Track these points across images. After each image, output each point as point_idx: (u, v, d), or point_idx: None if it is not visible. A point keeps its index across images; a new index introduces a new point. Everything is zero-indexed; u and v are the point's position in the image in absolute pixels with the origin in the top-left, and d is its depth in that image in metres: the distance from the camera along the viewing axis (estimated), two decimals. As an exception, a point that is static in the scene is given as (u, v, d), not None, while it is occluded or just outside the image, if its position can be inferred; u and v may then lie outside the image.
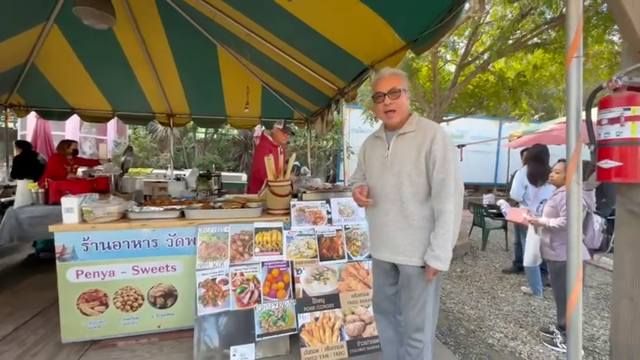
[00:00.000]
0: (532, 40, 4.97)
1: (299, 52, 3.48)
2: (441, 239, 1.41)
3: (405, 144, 1.54)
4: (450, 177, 1.41)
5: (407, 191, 1.50)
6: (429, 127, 1.53)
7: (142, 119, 6.32)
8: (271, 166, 2.43)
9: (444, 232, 1.40)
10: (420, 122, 1.57)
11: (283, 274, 2.22)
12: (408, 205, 1.50)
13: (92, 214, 2.06)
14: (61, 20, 3.74)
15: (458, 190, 1.43)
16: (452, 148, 1.48)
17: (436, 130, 1.50)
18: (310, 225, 2.38)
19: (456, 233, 1.45)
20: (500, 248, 5.29)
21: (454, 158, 1.45)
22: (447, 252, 1.40)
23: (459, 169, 1.46)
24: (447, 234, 1.40)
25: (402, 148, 1.54)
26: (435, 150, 1.45)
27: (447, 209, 1.40)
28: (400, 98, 1.54)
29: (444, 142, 1.46)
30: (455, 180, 1.42)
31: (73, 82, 4.96)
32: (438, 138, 1.46)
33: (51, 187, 3.46)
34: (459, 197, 1.43)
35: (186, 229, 2.21)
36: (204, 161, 10.73)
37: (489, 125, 12.03)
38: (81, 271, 2.06)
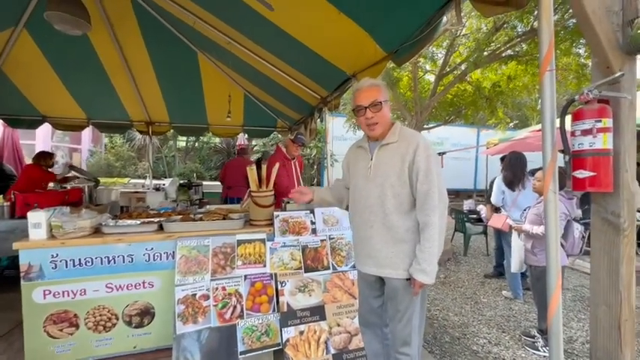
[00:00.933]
0: (506, 52, 5.19)
1: (281, 61, 3.47)
2: (427, 252, 1.39)
3: (388, 155, 1.53)
4: (434, 188, 1.40)
5: (390, 203, 1.48)
6: (411, 137, 1.52)
7: (118, 127, 6.11)
8: (254, 177, 2.38)
9: (429, 244, 1.39)
10: (403, 132, 1.56)
11: (267, 287, 2.16)
12: (392, 217, 1.49)
13: (62, 229, 1.94)
14: (32, 25, 3.58)
15: (442, 201, 1.42)
16: (435, 158, 1.47)
17: (419, 140, 1.49)
18: (294, 236, 2.34)
19: (442, 244, 1.44)
20: (481, 253, 5.41)
21: (437, 169, 1.44)
22: (432, 265, 1.39)
23: (442, 179, 1.45)
24: (433, 247, 1.39)
25: (385, 159, 1.53)
26: (419, 161, 1.44)
27: (431, 221, 1.39)
28: (382, 110, 1.52)
29: (426, 152, 1.45)
30: (439, 191, 1.41)
31: (44, 89, 4.73)
32: (420, 148, 1.45)
33: (18, 200, 3.25)
34: (443, 208, 1.42)
35: (165, 243, 2.12)
36: (185, 170, 10.47)
37: (468, 133, 12.43)
38: (48, 290, 1.93)
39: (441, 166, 1.52)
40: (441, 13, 1.83)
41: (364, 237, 1.59)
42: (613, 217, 1.10)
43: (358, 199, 1.62)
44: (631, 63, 1.09)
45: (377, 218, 1.53)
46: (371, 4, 2.03)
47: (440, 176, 1.45)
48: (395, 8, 1.98)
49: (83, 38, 3.77)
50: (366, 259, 1.60)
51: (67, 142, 10.59)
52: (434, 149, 1.51)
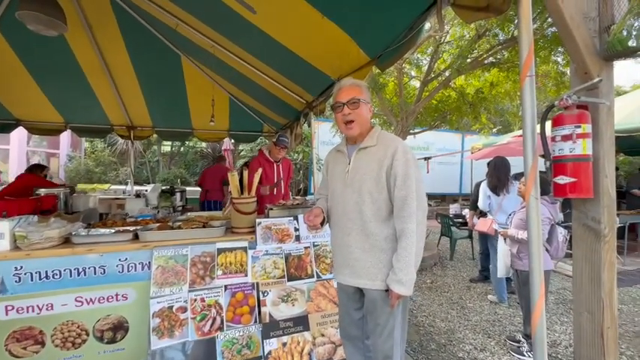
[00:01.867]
0: (488, 60, 5.30)
1: (266, 66, 3.43)
2: (403, 262, 1.33)
3: (366, 159, 1.48)
4: (412, 194, 1.35)
5: (368, 209, 1.42)
6: (390, 141, 1.46)
7: (98, 132, 5.91)
8: (235, 183, 2.31)
9: (406, 253, 1.33)
10: (382, 136, 1.50)
11: (248, 298, 2.08)
12: (370, 225, 1.43)
13: (27, 240, 1.82)
14: (4, 25, 3.42)
15: (420, 208, 1.37)
16: (414, 163, 1.41)
17: (397, 144, 1.43)
18: (277, 243, 2.28)
19: (420, 253, 1.38)
20: (467, 257, 5.45)
21: (416, 174, 1.39)
22: (409, 275, 1.33)
23: (421, 185, 1.40)
24: (410, 256, 1.32)
25: (363, 163, 1.48)
26: (396, 165, 1.39)
27: (408, 229, 1.33)
28: (360, 108, 1.47)
29: (405, 157, 1.39)
30: (417, 197, 1.36)
31: (18, 91, 4.53)
32: (399, 153, 1.40)
33: (-15, 208, 3.06)
34: (421, 215, 1.37)
35: (140, 253, 2.02)
36: (169, 176, 10.23)
37: (453, 138, 12.65)
38: (11, 306, 1.79)
39: (421, 171, 1.48)
40: (423, 18, 1.83)
41: (342, 244, 1.53)
42: (593, 223, 1.09)
43: (336, 205, 1.57)
44: (608, 69, 1.10)
45: (355, 225, 1.47)
46: (354, 9, 2.01)
47: (420, 182, 1.39)
48: (378, 13, 1.97)
49: (60, 40, 3.64)
50: (343, 268, 1.55)
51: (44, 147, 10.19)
52: (414, 154, 1.47)
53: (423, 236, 1.39)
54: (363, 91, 1.51)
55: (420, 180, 1.40)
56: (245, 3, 2.26)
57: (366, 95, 1.54)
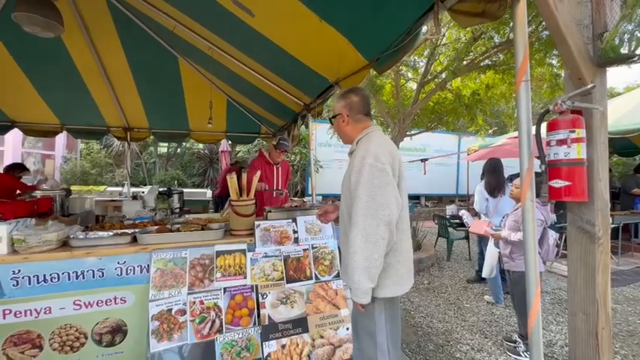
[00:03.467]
0: (484, 62, 5.35)
1: (264, 68, 3.44)
2: (348, 269, 1.35)
3: (349, 164, 1.56)
4: (358, 205, 1.32)
5: (345, 213, 1.50)
6: (361, 145, 1.48)
7: (95, 133, 5.86)
8: (234, 185, 2.32)
9: (350, 261, 1.33)
10: (362, 140, 1.51)
11: (247, 300, 2.09)
12: (347, 227, 1.47)
13: (25, 243, 1.81)
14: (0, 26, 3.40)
15: (370, 219, 1.30)
16: (369, 170, 1.34)
17: (360, 150, 1.44)
18: (276, 245, 2.28)
19: (374, 265, 1.30)
20: (464, 258, 5.48)
21: (374, 181, 1.33)
22: (354, 282, 1.31)
23: (377, 195, 1.31)
24: (353, 264, 1.31)
25: (348, 168, 1.56)
26: (352, 171, 1.41)
27: (351, 238, 1.33)
28: (334, 125, 1.65)
29: (360, 163, 1.37)
30: (364, 208, 1.31)
31: (13, 92, 4.50)
32: (356, 159, 1.41)
33: (-20, 210, 3.04)
34: (370, 227, 1.29)
35: (139, 256, 2.02)
36: (166, 177, 10.17)
37: (449, 139, 12.73)
38: (9, 310, 1.78)
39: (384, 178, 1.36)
40: (420, 22, 1.85)
41: (340, 242, 1.66)
42: (588, 226, 1.11)
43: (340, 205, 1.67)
44: (602, 75, 1.12)
45: (342, 226, 1.56)
46: (352, 12, 2.03)
47: (378, 189, 1.32)
48: (375, 17, 1.99)
49: (56, 41, 3.62)
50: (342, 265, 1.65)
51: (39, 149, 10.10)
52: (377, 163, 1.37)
53: (376, 247, 1.30)
54: (334, 107, 1.64)
55: (377, 190, 1.32)
56: (243, 5, 2.27)
57: (339, 107, 1.62)
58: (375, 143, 1.44)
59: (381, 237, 1.30)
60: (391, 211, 1.32)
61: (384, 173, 1.35)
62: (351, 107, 1.57)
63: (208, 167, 11.07)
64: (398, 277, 1.42)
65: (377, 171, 1.34)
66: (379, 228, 1.30)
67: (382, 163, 1.36)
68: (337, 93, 1.71)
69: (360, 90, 1.66)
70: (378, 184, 1.33)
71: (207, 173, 10.96)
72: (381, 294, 1.39)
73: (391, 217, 1.32)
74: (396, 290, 1.41)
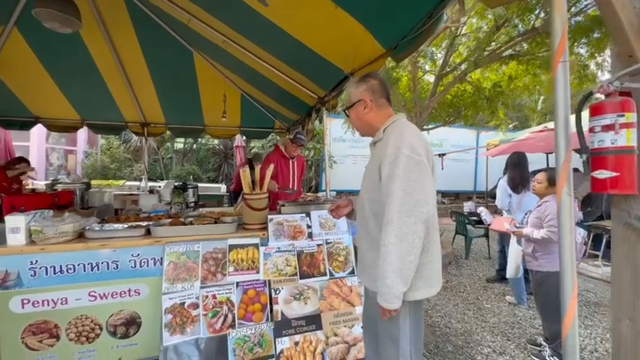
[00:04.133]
0: (506, 52, 5.11)
1: (278, 60, 3.37)
2: (379, 271, 1.21)
3: (373, 154, 1.41)
4: (392, 201, 1.18)
5: (368, 208, 1.38)
6: (391, 133, 1.31)
7: (113, 129, 5.99)
8: (247, 178, 2.27)
9: (382, 263, 1.19)
10: (390, 128, 1.35)
11: (260, 295, 2.05)
12: (370, 223, 1.36)
13: (42, 234, 1.83)
14: (23, 23, 3.50)
15: (406, 216, 1.16)
16: (405, 162, 1.19)
17: (392, 137, 1.27)
18: (289, 240, 2.23)
19: (409, 267, 1.18)
20: (483, 256, 5.30)
21: (409, 174, 1.19)
22: (386, 286, 1.18)
23: (414, 190, 1.18)
24: (385, 266, 1.18)
25: (371, 159, 1.43)
26: (384, 162, 1.24)
27: (385, 239, 1.18)
28: (350, 116, 1.48)
29: (395, 154, 1.21)
30: (400, 204, 1.17)
31: (37, 89, 4.63)
32: (389, 148, 1.24)
33: (4, 202, 3.15)
34: (406, 226, 1.16)
35: (152, 248, 2.01)
36: (182, 172, 10.35)
37: (467, 134, 12.35)
38: (27, 299, 1.81)
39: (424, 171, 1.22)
40: (443, 5, 1.73)
41: (357, 241, 1.55)
42: (637, 222, 0.99)
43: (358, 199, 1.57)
44: (656, 52, 0.99)
45: (361, 222, 1.45)
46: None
47: (415, 184, 1.18)
48: (394, 2, 1.88)
49: (75, 37, 3.69)
50: (357, 264, 1.56)
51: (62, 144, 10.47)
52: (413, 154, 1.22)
53: (412, 248, 1.17)
54: (351, 94, 1.47)
55: (415, 181, 1.19)
56: (257, -6, 2.21)
57: (355, 94, 1.45)
58: (409, 132, 1.29)
59: (417, 236, 1.18)
60: (429, 208, 1.19)
61: (421, 166, 1.21)
62: (374, 91, 1.41)
63: (223, 162, 11.19)
64: (428, 279, 1.29)
65: (414, 163, 1.20)
66: (416, 226, 1.17)
67: (419, 155, 1.22)
68: (352, 80, 1.52)
69: (378, 74, 1.52)
70: (415, 178, 1.19)
71: (222, 168, 11.08)
72: (410, 297, 1.24)
73: (429, 215, 1.20)
74: (425, 293, 1.29)
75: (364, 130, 1.48)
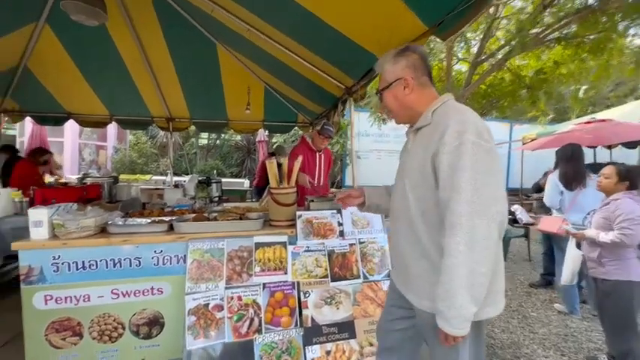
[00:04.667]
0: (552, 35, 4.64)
1: (304, 48, 3.19)
2: (442, 289, 0.97)
3: (417, 143, 1.15)
4: (459, 198, 0.95)
5: (414, 208, 1.12)
6: (445, 116, 1.07)
7: (140, 124, 6.08)
8: (273, 171, 2.11)
9: (448, 279, 0.96)
10: (440, 111, 1.11)
11: (288, 298, 1.89)
12: (419, 228, 1.11)
13: (64, 229, 1.76)
14: (53, 20, 3.55)
15: (477, 218, 0.94)
16: (472, 150, 0.97)
17: (451, 120, 1.02)
18: (319, 239, 2.05)
19: (482, 282, 0.95)
20: (522, 258, 4.90)
21: (474, 167, 0.96)
22: (454, 308, 0.95)
23: (484, 185, 0.95)
24: (453, 282, 0.95)
25: (414, 148, 1.17)
26: (442, 152, 1.00)
27: (452, 247, 0.95)
28: (385, 99, 1.22)
29: (458, 140, 0.98)
30: (469, 203, 0.94)
31: (68, 85, 4.73)
32: (448, 134, 1.00)
33: (36, 195, 3.18)
34: (478, 230, 0.94)
35: (175, 245, 1.89)
36: (206, 167, 10.48)
37: (499, 128, 11.61)
38: (50, 295, 1.75)
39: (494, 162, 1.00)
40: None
41: (393, 245, 1.31)
42: None
43: (391, 199, 1.32)
44: None
45: (402, 225, 1.19)
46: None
47: (486, 177, 0.96)
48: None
49: (102, 31, 3.70)
50: (394, 267, 1.32)
51: (94, 140, 10.89)
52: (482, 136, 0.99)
53: (485, 258, 0.95)
54: (385, 73, 1.22)
55: (485, 173, 0.96)
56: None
57: (393, 72, 1.19)
58: (471, 114, 1.07)
59: (493, 242, 0.96)
60: (503, 208, 0.98)
61: (491, 156, 0.99)
62: (416, 67, 1.17)
63: (246, 157, 11.22)
64: (496, 293, 1.05)
65: (483, 152, 0.97)
66: (490, 230, 0.94)
67: (487, 141, 0.99)
68: (387, 55, 1.23)
69: (418, 46, 1.24)
70: (485, 170, 0.96)
71: (245, 163, 11.12)
72: (475, 316, 0.99)
73: (504, 216, 0.98)
74: (490, 311, 1.05)
75: (403, 116, 1.23)
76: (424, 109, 1.15)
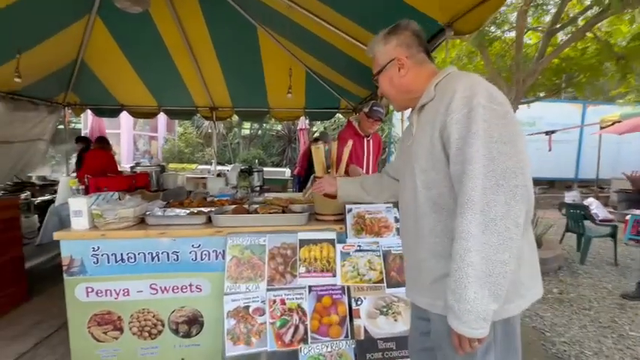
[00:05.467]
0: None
1: (351, 22, 2.85)
2: (452, 279, 0.80)
3: (422, 123, 0.98)
4: (470, 171, 0.78)
5: (422, 196, 0.94)
6: (449, 85, 0.90)
7: (185, 114, 6.25)
8: (320, 157, 1.85)
9: (457, 266, 0.78)
10: (443, 83, 0.94)
11: (337, 304, 1.64)
12: (427, 219, 0.94)
13: (102, 219, 1.67)
14: (103, 12, 3.66)
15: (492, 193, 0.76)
16: (483, 115, 0.79)
17: (457, 86, 0.86)
18: (372, 237, 1.76)
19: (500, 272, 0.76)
20: (607, 262, 4.14)
21: (486, 134, 0.78)
22: (465, 302, 0.77)
23: (501, 154, 0.77)
24: (462, 270, 0.77)
25: (419, 131, 0.98)
26: (451, 122, 0.84)
27: (462, 229, 0.78)
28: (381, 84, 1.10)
29: (466, 106, 0.82)
30: (482, 176, 0.77)
31: (120, 78, 4.92)
32: (455, 101, 0.84)
33: (90, 183, 3.28)
34: (493, 207, 0.76)
35: (214, 239, 1.73)
36: (248, 156, 10.65)
37: (569, 110, 10.23)
38: (91, 288, 1.69)
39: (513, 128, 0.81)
40: None
41: (402, 243, 1.14)
42: None
43: (400, 191, 1.12)
44: None
45: (409, 219, 1.02)
46: None
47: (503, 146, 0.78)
48: None
49: (147, 20, 3.71)
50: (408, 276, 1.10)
51: (147, 131, 11.59)
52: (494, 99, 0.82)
53: (505, 241, 0.76)
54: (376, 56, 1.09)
55: (501, 141, 0.78)
56: None
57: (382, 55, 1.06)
58: (480, 78, 0.90)
59: (512, 222, 0.76)
60: (527, 179, 0.79)
61: (507, 119, 0.81)
62: (409, 44, 1.02)
63: (287, 146, 11.21)
64: (518, 284, 0.86)
65: (497, 116, 0.80)
66: (509, 207, 0.76)
67: (501, 105, 0.82)
68: (376, 38, 1.12)
69: (408, 22, 1.06)
70: (500, 137, 0.79)
71: (286, 152, 11.12)
72: (499, 314, 0.82)
73: (529, 190, 0.81)
74: (522, 303, 0.88)
75: (402, 100, 1.10)
76: (424, 87, 1.00)
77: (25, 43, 3.47)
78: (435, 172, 0.90)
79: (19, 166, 4.75)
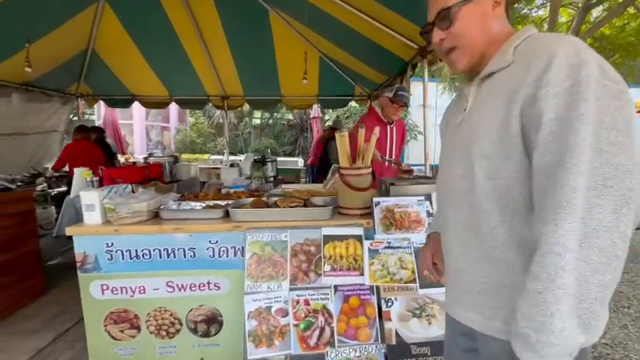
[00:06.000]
0: None
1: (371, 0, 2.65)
2: (532, 304, 0.60)
3: (486, 95, 0.75)
4: (578, 164, 0.57)
5: (482, 188, 0.73)
6: (539, 48, 0.67)
7: (197, 103, 6.15)
8: (344, 147, 1.70)
9: (542, 287, 0.59)
10: (526, 45, 0.71)
11: (366, 306, 1.52)
12: (487, 217, 0.73)
13: (115, 213, 1.58)
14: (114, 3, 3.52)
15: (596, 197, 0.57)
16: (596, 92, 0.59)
17: (555, 49, 0.63)
18: (402, 232, 1.62)
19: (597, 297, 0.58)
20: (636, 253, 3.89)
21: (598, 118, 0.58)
22: (550, 333, 0.58)
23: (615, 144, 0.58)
24: (551, 294, 0.58)
25: (481, 102, 0.76)
26: (545, 96, 0.61)
27: (558, 242, 0.58)
28: (457, 21, 0.74)
29: (572, 76, 0.60)
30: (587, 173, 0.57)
31: (131, 66, 4.84)
32: (555, 67, 0.61)
33: (104, 174, 3.23)
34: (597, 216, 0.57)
35: (232, 235, 1.62)
36: (260, 146, 10.56)
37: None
38: (106, 285, 1.61)
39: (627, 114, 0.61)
40: None
41: (444, 246, 0.90)
42: None
43: (439, 183, 0.93)
44: None
45: (458, 215, 0.80)
46: None
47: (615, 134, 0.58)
48: None
49: (156, 5, 3.58)
50: (446, 286, 0.90)
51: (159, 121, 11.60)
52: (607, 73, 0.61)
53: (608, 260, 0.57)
54: None
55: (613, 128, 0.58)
56: None
57: None
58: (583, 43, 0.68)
59: (620, 236, 0.57)
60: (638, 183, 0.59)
61: (623, 101, 0.60)
62: None
63: (299, 136, 11.06)
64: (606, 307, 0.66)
65: (610, 96, 0.59)
66: (620, 216, 0.57)
67: (615, 82, 0.61)
68: None
69: None
70: (612, 124, 0.58)
71: (299, 142, 10.98)
72: None
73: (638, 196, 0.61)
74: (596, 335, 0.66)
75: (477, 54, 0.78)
76: (498, 46, 0.75)
77: (34, 33, 3.40)
78: (502, 160, 0.70)
79: (36, 158, 4.76)
